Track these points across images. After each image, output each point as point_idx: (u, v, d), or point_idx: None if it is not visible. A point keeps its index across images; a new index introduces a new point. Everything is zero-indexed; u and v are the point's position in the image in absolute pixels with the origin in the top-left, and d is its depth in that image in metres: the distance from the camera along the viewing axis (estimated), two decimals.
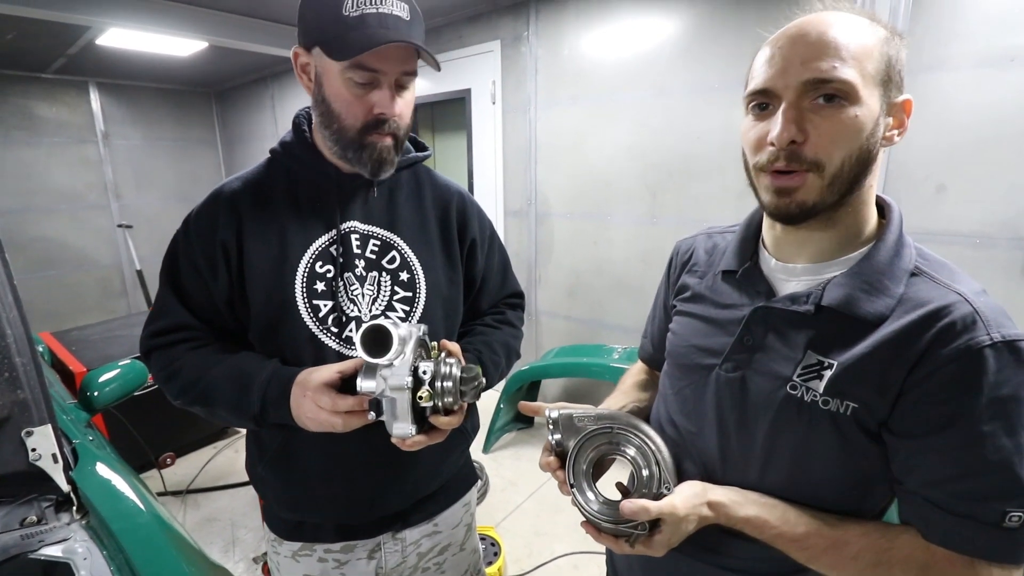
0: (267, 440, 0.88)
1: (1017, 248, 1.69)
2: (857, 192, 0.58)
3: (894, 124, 0.57)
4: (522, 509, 2.30)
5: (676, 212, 2.44)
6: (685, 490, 0.61)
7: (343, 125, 0.78)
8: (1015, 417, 0.51)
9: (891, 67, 0.55)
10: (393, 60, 0.75)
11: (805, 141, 0.55)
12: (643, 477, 0.64)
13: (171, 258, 0.85)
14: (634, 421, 0.70)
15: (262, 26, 2.99)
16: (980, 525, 0.52)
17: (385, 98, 0.77)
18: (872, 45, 0.54)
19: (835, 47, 0.53)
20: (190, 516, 2.28)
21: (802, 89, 0.54)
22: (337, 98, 0.77)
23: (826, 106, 0.54)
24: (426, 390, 0.69)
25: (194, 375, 0.80)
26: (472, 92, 3.05)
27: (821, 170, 0.55)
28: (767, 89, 0.57)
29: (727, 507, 0.60)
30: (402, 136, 0.82)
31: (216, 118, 5.29)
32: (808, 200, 0.57)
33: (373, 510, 0.90)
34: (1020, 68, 1.59)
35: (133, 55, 3.47)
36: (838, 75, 0.52)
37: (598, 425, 0.67)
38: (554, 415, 0.69)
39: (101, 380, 1.47)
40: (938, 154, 1.76)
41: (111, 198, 4.64)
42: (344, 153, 0.80)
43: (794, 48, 0.55)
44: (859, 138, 0.54)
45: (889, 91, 0.55)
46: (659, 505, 0.58)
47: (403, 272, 0.87)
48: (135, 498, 1.09)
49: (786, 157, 0.56)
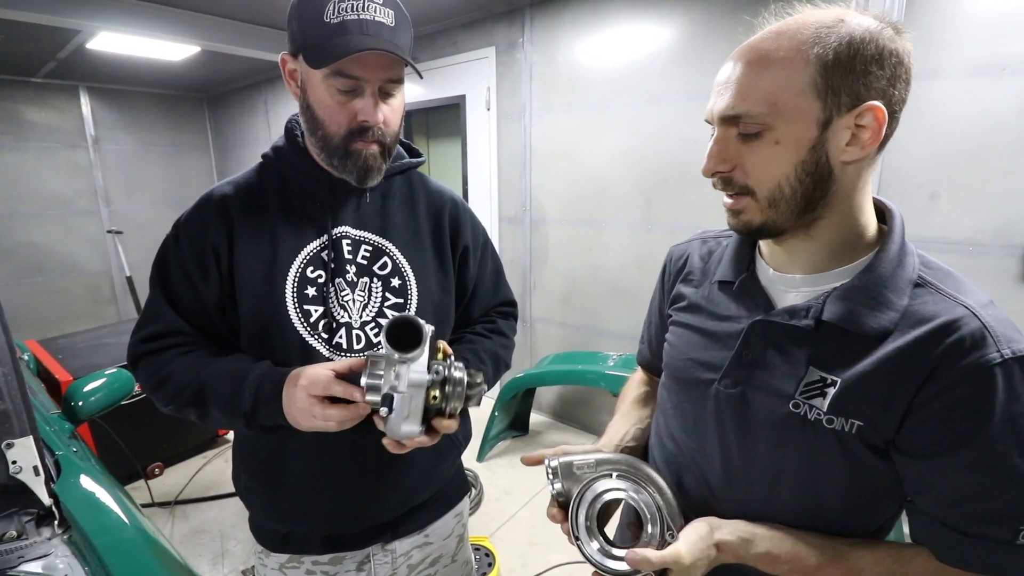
0: (254, 450, 0.86)
1: (1009, 255, 1.69)
2: (827, 206, 0.56)
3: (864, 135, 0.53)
4: (517, 518, 2.27)
5: (671, 218, 2.44)
6: (691, 535, 0.58)
7: (327, 132, 0.77)
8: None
9: (840, 76, 0.51)
10: (375, 67, 0.73)
11: (733, 169, 0.58)
12: (648, 522, 0.62)
13: (161, 263, 0.83)
14: (635, 464, 0.67)
15: (255, 31, 2.98)
16: (994, 544, 0.52)
17: (368, 106, 0.75)
18: (798, 64, 0.51)
19: (748, 80, 0.54)
20: (178, 528, 2.23)
21: (723, 123, 0.58)
22: (320, 105, 0.76)
23: (745, 138, 0.56)
24: (439, 391, 0.68)
25: (186, 378, 0.78)
26: (467, 98, 3.05)
27: (753, 195, 0.57)
28: (706, 119, 0.61)
29: (735, 546, 0.58)
30: (389, 143, 0.81)
31: (209, 123, 5.26)
32: (753, 221, 0.59)
33: (362, 520, 0.88)
34: (1012, 77, 1.61)
35: (124, 59, 3.45)
36: (744, 110, 0.54)
37: (598, 472, 0.66)
38: (553, 464, 0.67)
39: (86, 390, 1.44)
40: (931, 162, 1.77)
41: (101, 204, 4.59)
42: (330, 160, 0.80)
43: (722, 77, 0.58)
44: (788, 162, 0.54)
45: (840, 102, 0.52)
46: (662, 555, 0.55)
47: (394, 278, 0.86)
48: (119, 511, 1.06)
49: (721, 183, 0.60)
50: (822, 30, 0.52)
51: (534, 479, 2.48)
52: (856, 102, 0.52)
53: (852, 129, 0.53)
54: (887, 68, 0.52)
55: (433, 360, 0.70)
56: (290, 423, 0.74)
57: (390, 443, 0.71)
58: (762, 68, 0.53)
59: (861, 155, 0.54)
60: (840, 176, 0.55)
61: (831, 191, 0.55)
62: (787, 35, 0.53)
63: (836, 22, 0.52)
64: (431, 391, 0.68)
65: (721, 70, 0.58)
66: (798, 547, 0.58)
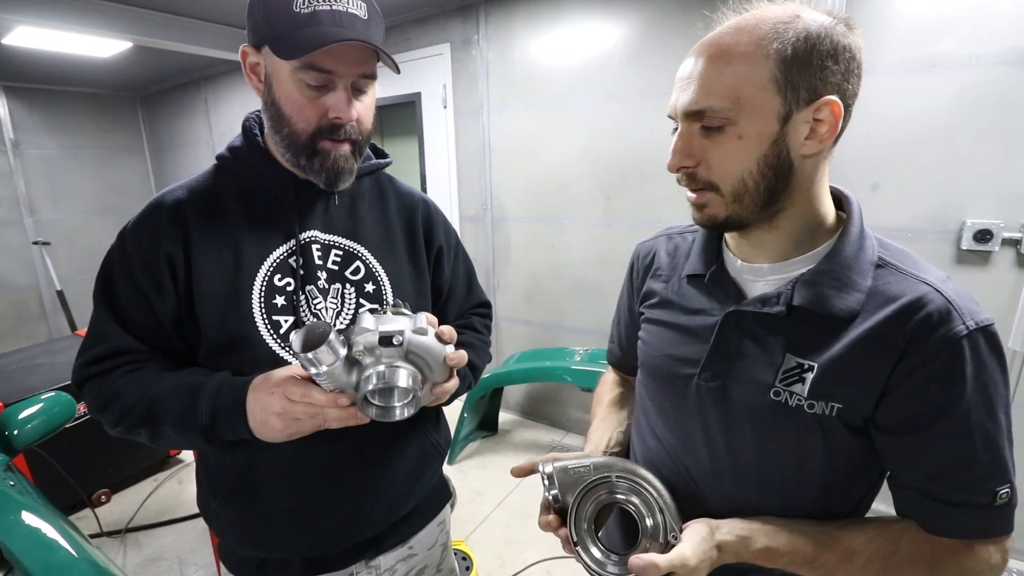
0: (223, 472, 0.80)
1: (943, 240, 1.82)
2: (788, 198, 0.58)
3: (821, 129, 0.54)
4: (491, 519, 2.25)
5: (631, 214, 2.48)
6: (693, 537, 0.58)
7: (294, 130, 0.72)
8: (994, 398, 0.54)
9: (798, 72, 0.52)
10: (348, 61, 0.69)
11: (698, 164, 0.59)
12: (648, 526, 0.61)
13: (105, 277, 0.76)
14: (630, 466, 0.67)
15: (193, 25, 2.81)
16: (976, 509, 0.55)
17: (340, 101, 0.71)
18: (759, 59, 0.52)
19: (711, 75, 0.55)
20: (131, 557, 2.08)
21: (686, 118, 0.58)
22: (288, 100, 0.71)
23: (709, 132, 0.57)
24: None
25: (135, 396, 0.72)
26: (423, 96, 2.99)
27: (717, 190, 0.58)
28: (669, 114, 0.61)
29: (735, 545, 0.59)
30: (362, 143, 0.77)
31: (143, 124, 4.93)
32: (718, 215, 0.60)
33: (345, 540, 0.84)
34: (941, 74, 1.72)
35: (46, 56, 3.17)
36: (708, 105, 0.55)
37: (596, 476, 0.64)
38: (548, 469, 0.65)
39: (22, 416, 1.31)
40: (871, 155, 1.87)
41: (24, 213, 4.23)
42: (296, 160, 0.74)
43: (683, 72, 0.58)
44: (751, 157, 0.55)
45: (798, 96, 0.53)
46: (669, 558, 0.55)
47: (368, 283, 0.82)
48: (68, 547, 0.98)
49: (686, 178, 0.61)
50: (779, 25, 0.53)
51: (506, 479, 2.47)
52: (813, 97, 0.53)
53: (810, 123, 0.55)
54: (841, 63, 0.53)
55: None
56: (259, 434, 0.68)
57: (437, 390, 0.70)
58: (724, 63, 0.54)
59: (819, 148, 0.56)
60: (799, 169, 0.57)
61: (792, 183, 0.57)
62: (746, 30, 0.54)
63: (792, 17, 0.53)
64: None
65: (682, 65, 0.59)
66: (794, 538, 0.59)
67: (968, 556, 0.56)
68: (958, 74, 1.69)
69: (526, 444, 2.84)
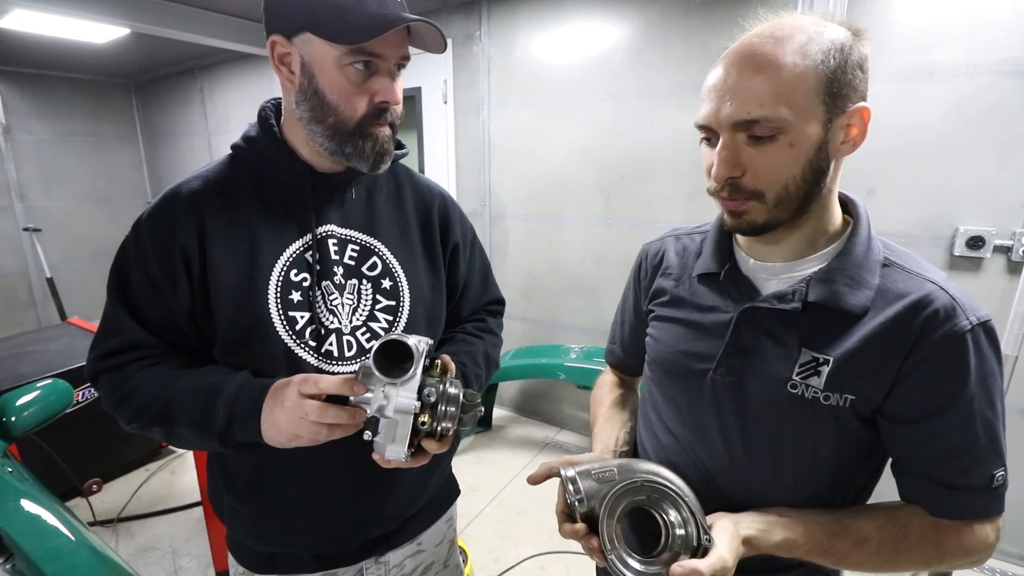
0: (236, 468, 0.80)
1: (936, 246, 1.85)
2: (818, 200, 0.61)
3: (852, 133, 0.57)
4: (485, 514, 2.27)
5: (629, 214, 2.50)
6: (724, 536, 0.58)
7: (341, 118, 0.71)
8: (993, 389, 0.58)
9: (837, 80, 0.55)
10: (394, 44, 0.69)
11: (743, 174, 0.59)
12: (673, 530, 0.59)
13: (120, 269, 0.75)
14: (653, 468, 0.65)
15: (192, 13, 2.78)
16: (976, 492, 0.59)
17: (387, 85, 0.71)
18: (806, 68, 0.54)
19: (761, 84, 0.54)
20: (123, 547, 2.07)
21: (733, 128, 0.57)
22: (333, 88, 0.69)
23: (758, 142, 0.57)
24: (428, 415, 0.63)
25: (151, 393, 0.71)
26: (423, 91, 2.99)
27: (762, 198, 0.59)
28: (706, 125, 0.60)
29: (758, 539, 0.60)
30: (399, 125, 0.77)
31: (136, 112, 4.88)
32: (758, 220, 0.61)
33: (356, 537, 0.84)
34: (938, 82, 1.75)
35: (40, 40, 3.13)
36: (762, 115, 0.55)
37: (622, 480, 0.61)
38: (570, 473, 0.62)
39: (19, 403, 1.30)
40: (867, 161, 1.90)
41: (15, 199, 4.18)
42: (341, 148, 0.73)
43: (726, 82, 0.57)
44: (799, 163, 0.57)
45: (837, 103, 0.55)
46: (711, 562, 0.54)
47: (385, 279, 0.81)
48: (68, 533, 0.98)
49: (728, 189, 0.60)
50: (813, 35, 0.55)
51: (500, 474, 2.48)
52: (847, 104, 0.56)
53: (844, 128, 0.57)
54: (864, 71, 0.57)
55: (429, 376, 0.66)
56: (267, 439, 0.67)
57: (378, 458, 0.66)
58: (774, 73, 0.54)
59: (851, 151, 0.59)
60: (831, 172, 0.59)
61: (824, 185, 0.60)
62: (785, 40, 0.55)
63: (820, 25, 0.56)
64: (419, 416, 0.63)
65: (712, 74, 0.59)
66: (809, 529, 0.61)
67: (969, 535, 0.59)
68: (954, 83, 1.73)
69: (520, 440, 2.86)
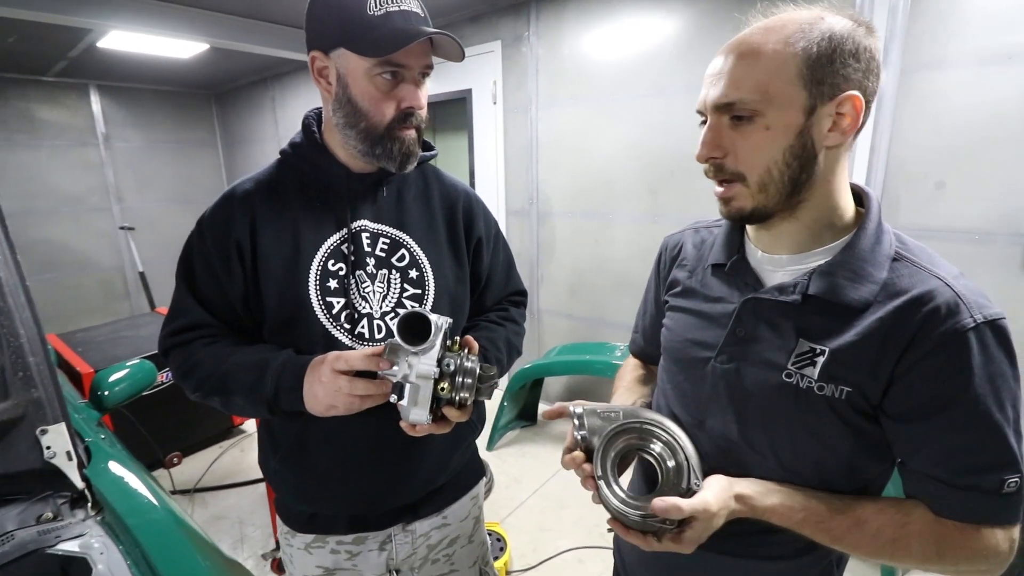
0: (280, 435, 0.90)
1: (1015, 244, 1.70)
2: (810, 189, 0.61)
3: (844, 122, 0.58)
4: (527, 505, 2.31)
5: (677, 211, 2.46)
6: (714, 486, 0.61)
7: (372, 123, 0.79)
8: (1002, 391, 0.55)
9: (822, 68, 0.56)
10: (417, 55, 0.77)
11: (725, 156, 0.62)
12: (669, 473, 0.64)
13: (186, 259, 0.87)
14: (657, 416, 0.70)
15: (264, 28, 3.01)
16: (983, 495, 0.56)
17: (412, 92, 0.79)
18: (788, 56, 0.56)
19: (742, 70, 0.58)
20: (198, 514, 2.30)
21: (717, 111, 0.61)
22: (364, 96, 0.78)
23: (738, 124, 0.60)
24: (448, 383, 0.71)
25: (211, 367, 0.82)
26: (473, 92, 3.06)
27: (744, 180, 0.61)
28: (699, 109, 0.64)
29: (752, 499, 0.61)
30: (424, 128, 0.85)
31: (216, 120, 5.30)
32: (745, 207, 0.63)
33: (384, 503, 0.92)
34: (1018, 66, 1.61)
35: (134, 57, 3.49)
36: (738, 97, 0.58)
37: (625, 420, 0.67)
38: (578, 410, 0.69)
39: (111, 380, 1.49)
40: (937, 152, 1.78)
41: (112, 200, 4.66)
42: (372, 150, 0.82)
43: (712, 70, 0.61)
44: (778, 147, 0.58)
45: (823, 91, 0.57)
46: (692, 503, 0.57)
47: (412, 270, 0.89)
48: (148, 495, 1.11)
49: (713, 170, 0.64)
50: (805, 26, 0.57)
51: (543, 468, 2.52)
52: (836, 92, 0.57)
53: (833, 116, 0.58)
54: (862, 62, 0.57)
55: (449, 352, 0.74)
56: (308, 408, 0.77)
57: (405, 426, 0.74)
58: (753, 59, 0.58)
59: (841, 140, 0.59)
60: (822, 160, 0.60)
61: (814, 174, 0.60)
62: (774, 30, 0.58)
63: (817, 19, 0.57)
64: (440, 383, 0.71)
65: (712, 64, 0.62)
66: (808, 500, 0.61)
67: (975, 539, 0.57)
68: None
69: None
